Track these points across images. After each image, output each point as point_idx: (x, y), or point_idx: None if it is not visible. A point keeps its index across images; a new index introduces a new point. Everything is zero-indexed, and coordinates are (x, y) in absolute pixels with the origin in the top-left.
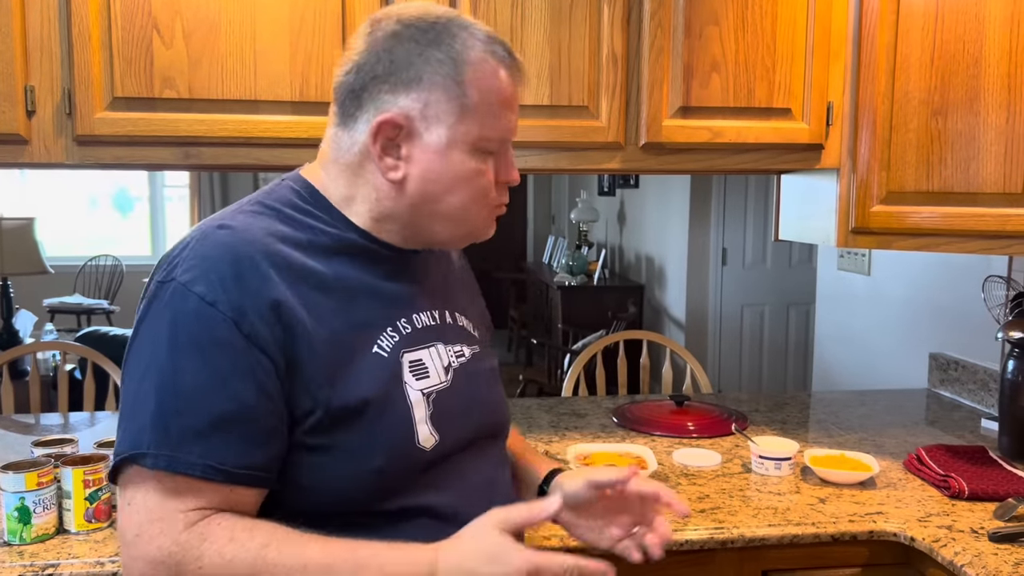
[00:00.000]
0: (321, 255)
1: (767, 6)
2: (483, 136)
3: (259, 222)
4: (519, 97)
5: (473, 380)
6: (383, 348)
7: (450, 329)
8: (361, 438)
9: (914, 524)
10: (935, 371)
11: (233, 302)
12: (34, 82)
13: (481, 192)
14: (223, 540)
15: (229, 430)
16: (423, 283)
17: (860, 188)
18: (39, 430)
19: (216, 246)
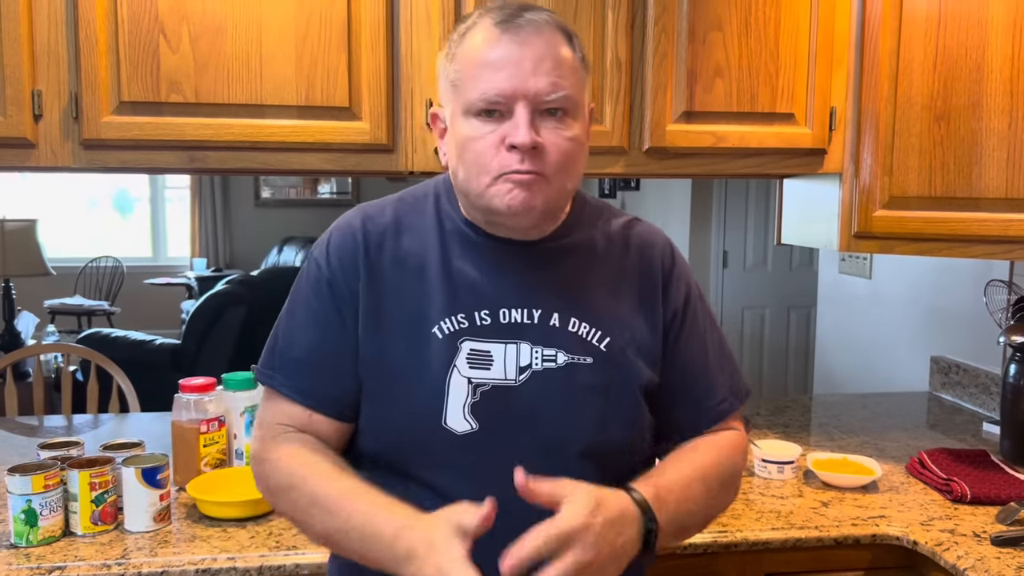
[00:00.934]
0: (432, 241)
1: (770, 12)
2: (467, 101)
3: (385, 208)
4: (530, 52)
5: (554, 388)
6: (443, 331)
7: (549, 332)
8: (393, 400)
9: (917, 528)
10: (936, 374)
11: (332, 267)
12: (41, 86)
13: (476, 157)
14: (286, 454)
15: (308, 363)
16: (530, 280)
17: (862, 193)
18: (43, 432)
19: (338, 224)
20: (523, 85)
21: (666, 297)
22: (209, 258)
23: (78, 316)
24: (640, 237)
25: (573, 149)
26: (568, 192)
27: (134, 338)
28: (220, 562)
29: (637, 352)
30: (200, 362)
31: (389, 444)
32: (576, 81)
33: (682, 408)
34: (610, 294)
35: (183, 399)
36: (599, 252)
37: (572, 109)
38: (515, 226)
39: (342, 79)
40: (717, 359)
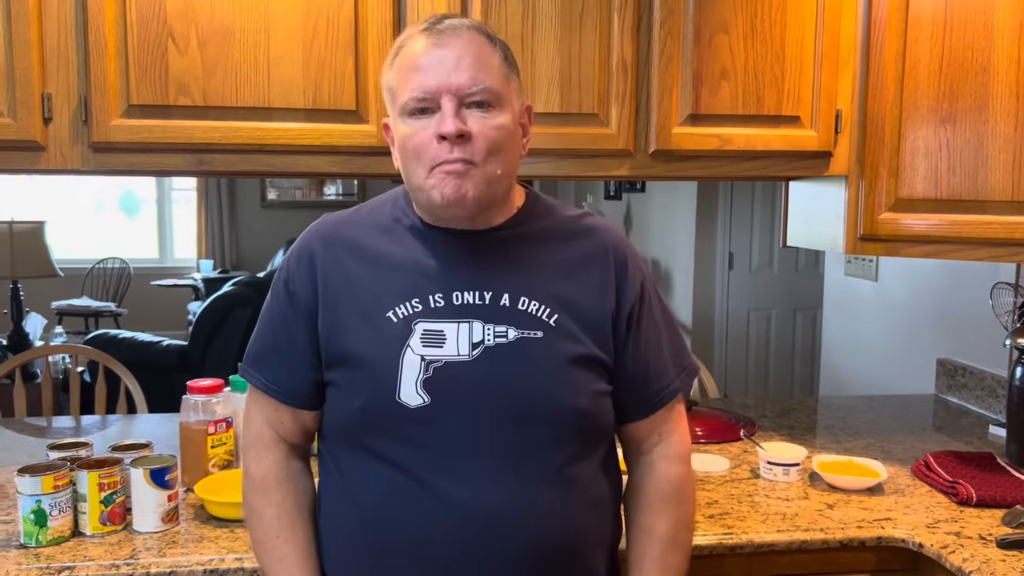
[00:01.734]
0: (388, 237)
1: (776, 15)
2: (402, 103)
3: (348, 214)
4: (451, 52)
5: (506, 361)
6: (397, 315)
7: (500, 311)
8: (352, 381)
9: (922, 530)
10: (942, 377)
11: (291, 269)
12: (51, 89)
13: (414, 152)
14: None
15: (270, 358)
16: (481, 265)
17: (868, 195)
18: (51, 433)
19: (304, 231)
20: (446, 81)
21: (621, 289)
22: (216, 259)
23: (85, 317)
24: (592, 228)
25: (500, 136)
26: (500, 178)
27: (141, 339)
28: (228, 563)
29: (585, 328)
30: (207, 363)
31: (350, 422)
32: (498, 76)
33: (638, 391)
34: (560, 277)
35: (191, 400)
36: (550, 240)
37: (496, 101)
38: (453, 216)
39: (349, 82)
40: (670, 343)
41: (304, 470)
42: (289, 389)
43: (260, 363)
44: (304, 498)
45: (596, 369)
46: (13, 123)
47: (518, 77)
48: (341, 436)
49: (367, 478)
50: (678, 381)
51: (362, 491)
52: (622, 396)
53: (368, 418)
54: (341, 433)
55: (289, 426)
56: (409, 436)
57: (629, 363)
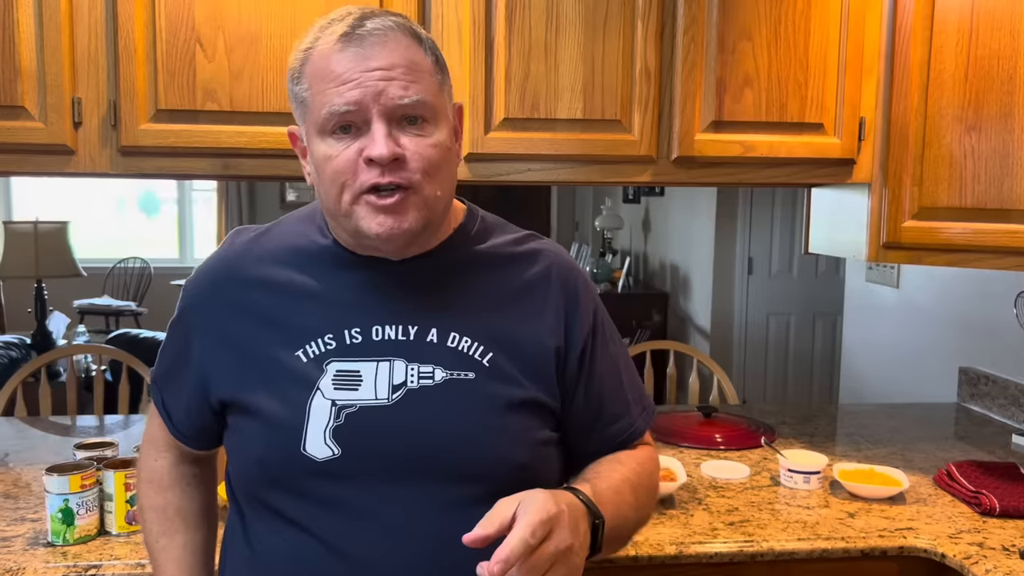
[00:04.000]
0: (299, 264)
1: (800, 22)
2: (319, 119)
3: (260, 234)
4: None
5: (431, 406)
6: (307, 354)
7: (426, 347)
8: (251, 427)
9: (945, 540)
10: (965, 385)
11: (189, 296)
12: (81, 94)
13: (335, 176)
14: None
15: (170, 383)
16: (406, 295)
17: (892, 203)
18: (76, 432)
19: (214, 252)
20: (373, 92)
21: (571, 322)
22: None
23: (106, 316)
24: (535, 254)
25: (438, 155)
26: (439, 200)
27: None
28: None
29: (524, 368)
30: None
31: (251, 477)
32: (432, 85)
33: (596, 433)
34: (495, 309)
35: None
36: (485, 267)
37: (431, 115)
38: (388, 249)
39: None
40: (629, 380)
41: (197, 476)
42: (181, 427)
43: (165, 382)
44: (191, 504)
45: (538, 415)
46: (44, 127)
47: (448, 77)
48: (241, 490)
49: (270, 540)
50: (640, 421)
51: (262, 552)
52: (574, 444)
53: (268, 472)
54: (240, 487)
55: (183, 450)
56: (316, 493)
57: (581, 406)
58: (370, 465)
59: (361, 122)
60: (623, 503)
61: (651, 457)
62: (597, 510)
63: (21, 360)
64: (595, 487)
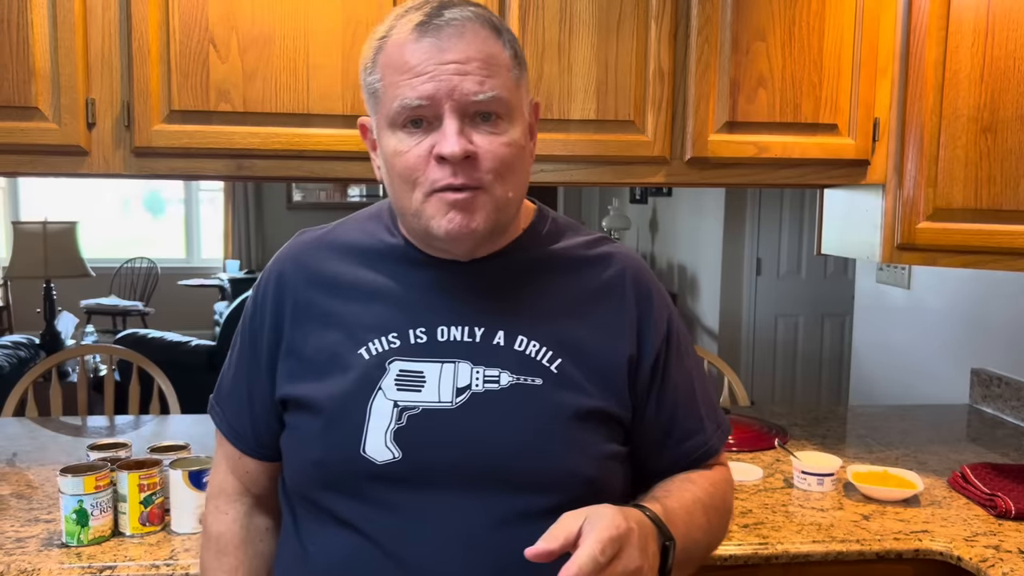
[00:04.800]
0: (367, 261)
1: (814, 22)
2: (390, 112)
3: (324, 233)
4: (453, 53)
5: (496, 411)
6: (370, 351)
7: (492, 351)
8: (309, 426)
9: (960, 543)
10: (977, 387)
11: (257, 302)
12: (95, 95)
13: (405, 173)
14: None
15: (235, 399)
16: (473, 296)
17: (906, 204)
18: (87, 432)
19: (276, 255)
20: (447, 86)
21: (644, 329)
22: (242, 260)
23: (113, 316)
24: (608, 258)
25: (511, 155)
26: (511, 202)
27: (170, 339)
28: None
29: (594, 377)
30: None
31: (307, 478)
32: (509, 80)
33: (668, 449)
34: (565, 314)
35: None
36: (556, 270)
37: (506, 112)
38: (457, 249)
39: None
40: (703, 394)
41: (269, 529)
42: (251, 439)
43: (226, 402)
44: (263, 564)
45: (607, 426)
46: (58, 128)
47: (526, 72)
48: (296, 491)
49: (324, 542)
50: (715, 439)
51: (316, 553)
52: (643, 459)
53: (325, 474)
54: (295, 488)
55: (255, 476)
56: (374, 496)
57: (652, 419)
58: (430, 470)
59: (433, 117)
60: (694, 525)
61: (725, 478)
62: (668, 531)
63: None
64: (665, 506)
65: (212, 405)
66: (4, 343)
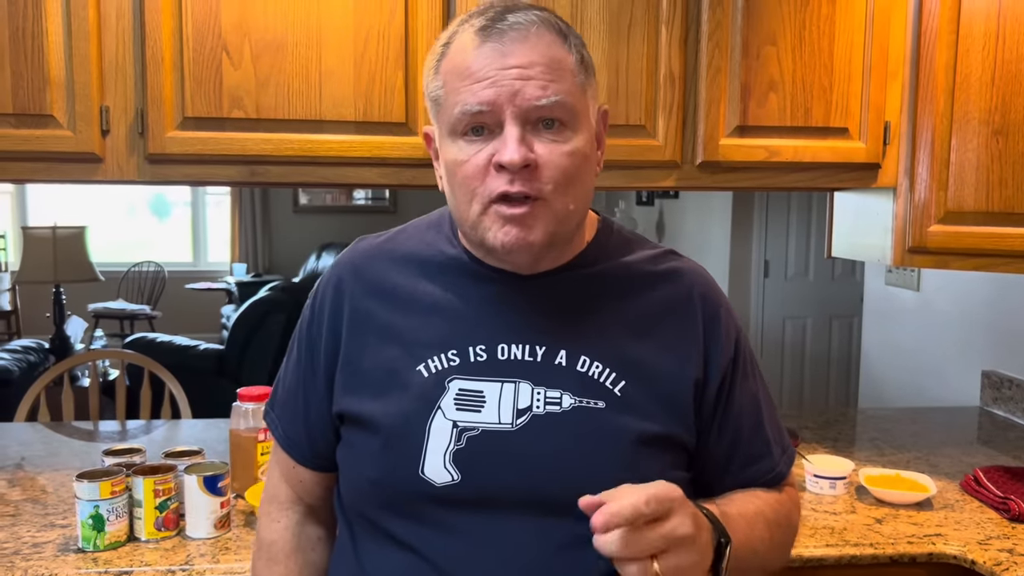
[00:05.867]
0: (426, 273)
1: (824, 26)
2: (451, 118)
3: (383, 242)
4: (516, 57)
5: (557, 435)
6: (429, 369)
7: (554, 371)
8: (366, 444)
9: (974, 547)
10: (988, 389)
11: (315, 310)
12: (109, 103)
13: (464, 182)
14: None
15: (291, 408)
16: (535, 312)
17: (917, 207)
18: (99, 437)
19: (335, 262)
20: (509, 92)
21: (711, 349)
22: (249, 263)
23: (121, 320)
24: (675, 273)
25: (573, 165)
26: (573, 215)
27: (179, 343)
28: None
29: (659, 400)
30: (244, 368)
31: (363, 496)
32: (573, 85)
33: (731, 475)
34: (630, 333)
35: (241, 408)
36: (621, 286)
37: (571, 119)
38: (516, 262)
39: (399, 95)
40: (769, 417)
41: (322, 539)
42: (306, 448)
43: (282, 409)
44: (313, 574)
45: (671, 452)
46: (73, 135)
47: (594, 78)
48: (352, 508)
49: (381, 562)
50: (783, 464)
51: (373, 572)
52: (707, 486)
53: (382, 494)
54: (351, 505)
55: (308, 486)
56: (432, 518)
57: (716, 444)
58: (489, 493)
59: (494, 124)
60: (754, 535)
61: (792, 499)
62: (724, 529)
63: (39, 364)
64: (724, 511)
65: (267, 411)
66: (14, 347)
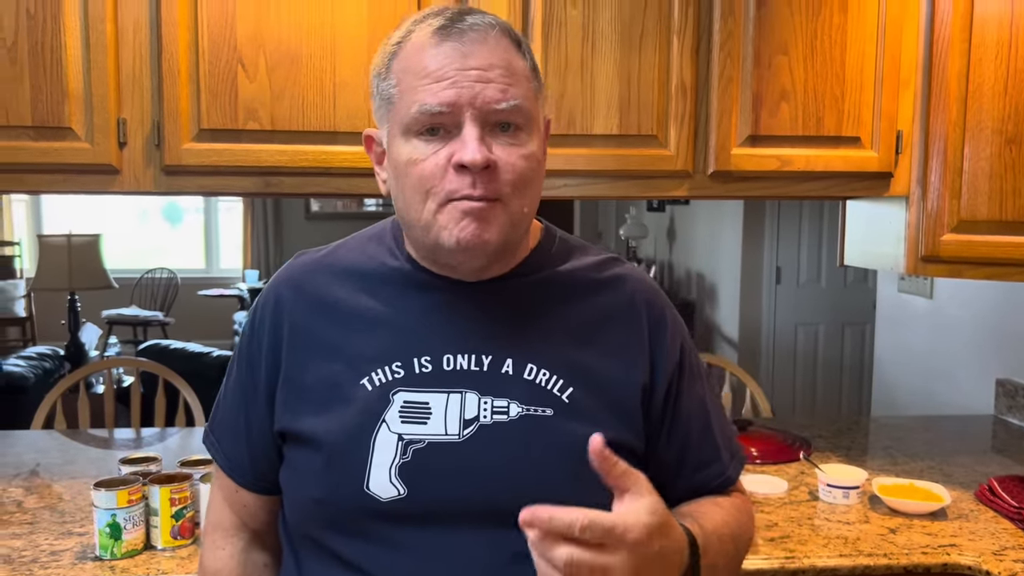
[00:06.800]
0: (368, 286)
1: (836, 36)
2: (406, 118)
3: (323, 256)
4: (476, 59)
5: (505, 444)
6: (373, 383)
7: (500, 380)
8: (309, 462)
9: (989, 557)
10: (1002, 397)
11: (254, 328)
12: (126, 115)
13: (419, 182)
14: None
15: (232, 430)
16: (480, 321)
17: (930, 216)
18: (115, 445)
19: (273, 278)
20: (469, 93)
21: (656, 354)
22: (261, 270)
23: (134, 326)
24: (619, 280)
25: (529, 168)
26: (525, 218)
27: (192, 350)
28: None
29: (607, 406)
30: None
31: (308, 517)
32: (529, 91)
33: (684, 478)
34: (576, 340)
35: None
36: (566, 293)
37: (526, 123)
38: (466, 265)
39: None
40: (718, 421)
41: (268, 566)
42: (248, 470)
43: (223, 431)
44: None
45: (621, 458)
46: (90, 147)
47: (543, 85)
48: (296, 529)
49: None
50: (732, 469)
51: None
52: (660, 489)
53: (327, 513)
54: (295, 526)
55: (252, 510)
56: (379, 536)
57: (666, 449)
58: (437, 506)
59: (452, 125)
60: (722, 553)
61: (748, 508)
62: (698, 558)
63: (54, 371)
64: (703, 529)
65: (207, 435)
66: (29, 354)
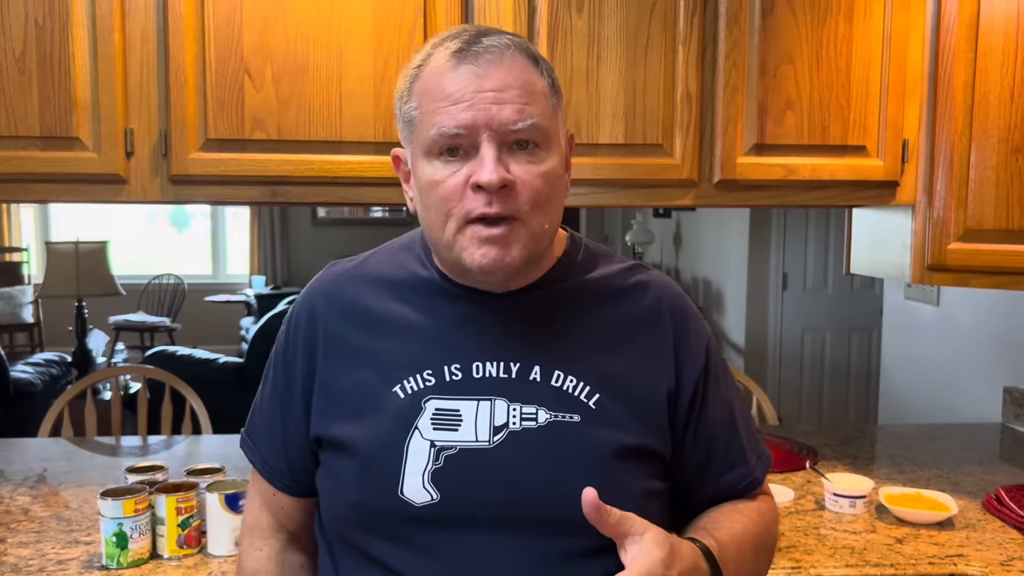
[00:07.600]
0: (399, 295)
1: (841, 45)
2: (426, 140)
3: (356, 265)
4: (492, 80)
5: (534, 450)
6: (405, 390)
7: (529, 386)
8: (344, 468)
9: (997, 568)
10: (1010, 405)
11: (290, 335)
12: (133, 125)
13: (440, 202)
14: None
15: (269, 434)
16: (508, 330)
17: (936, 225)
18: (121, 452)
19: (307, 287)
20: (486, 115)
21: (681, 359)
22: (268, 276)
23: (141, 332)
24: (643, 286)
25: (547, 185)
26: (547, 234)
27: (198, 356)
28: None
29: (633, 411)
30: None
31: (344, 520)
32: (546, 108)
33: (710, 481)
34: (602, 346)
35: None
36: (592, 301)
37: (544, 140)
38: (491, 281)
39: None
40: (743, 424)
41: (305, 566)
42: (286, 474)
43: (260, 436)
44: None
45: (648, 463)
46: (98, 157)
47: (563, 101)
48: (333, 532)
49: None
50: (758, 471)
51: None
52: (683, 495)
53: (362, 516)
54: (332, 529)
55: (289, 512)
56: (413, 540)
57: (691, 453)
58: (469, 511)
59: (470, 146)
60: (743, 562)
61: (772, 511)
62: (719, 572)
63: (61, 377)
64: (720, 542)
65: (244, 439)
66: (36, 361)
